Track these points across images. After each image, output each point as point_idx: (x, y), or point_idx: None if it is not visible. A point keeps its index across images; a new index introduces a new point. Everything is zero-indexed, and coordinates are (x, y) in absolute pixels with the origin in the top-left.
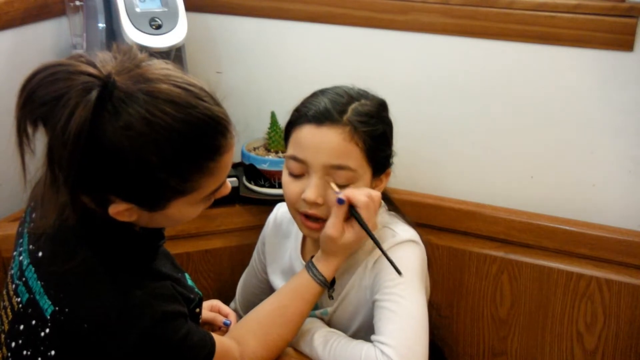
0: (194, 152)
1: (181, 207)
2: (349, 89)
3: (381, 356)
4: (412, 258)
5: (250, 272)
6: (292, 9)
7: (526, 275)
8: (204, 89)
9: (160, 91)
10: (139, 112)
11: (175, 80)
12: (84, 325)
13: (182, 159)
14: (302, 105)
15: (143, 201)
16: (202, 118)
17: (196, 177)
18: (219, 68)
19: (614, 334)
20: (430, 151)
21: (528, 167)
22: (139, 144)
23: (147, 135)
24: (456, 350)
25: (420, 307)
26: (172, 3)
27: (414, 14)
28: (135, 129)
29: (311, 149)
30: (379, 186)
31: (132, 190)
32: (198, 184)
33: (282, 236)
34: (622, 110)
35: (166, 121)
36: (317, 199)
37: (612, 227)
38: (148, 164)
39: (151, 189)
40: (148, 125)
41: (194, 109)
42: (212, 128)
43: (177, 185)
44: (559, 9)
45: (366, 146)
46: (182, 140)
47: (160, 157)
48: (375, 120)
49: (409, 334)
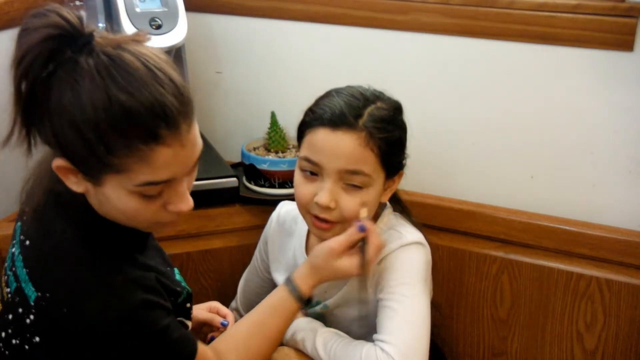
0: (127, 127)
1: (117, 189)
2: (364, 90)
3: (381, 354)
4: (417, 260)
5: (252, 271)
6: (292, 9)
7: (526, 275)
8: (174, 82)
9: (122, 59)
10: (92, 68)
11: (146, 58)
12: (63, 309)
13: (113, 129)
14: (317, 107)
15: (76, 161)
16: (149, 99)
17: (124, 155)
18: (219, 68)
19: (614, 334)
20: (430, 151)
21: (528, 167)
22: (81, 99)
23: (91, 92)
24: (456, 350)
25: (423, 308)
26: (172, 3)
27: (414, 14)
28: (83, 82)
29: (326, 153)
30: (392, 187)
31: (65, 143)
32: (127, 164)
33: (286, 234)
34: (622, 110)
35: (110, 87)
36: (330, 203)
37: (612, 227)
38: (83, 119)
39: (81, 147)
40: (93, 84)
41: (146, 88)
42: (155, 113)
43: (103, 154)
44: (559, 9)
45: (381, 152)
46: (120, 111)
47: (94, 117)
48: (391, 125)
49: (410, 333)
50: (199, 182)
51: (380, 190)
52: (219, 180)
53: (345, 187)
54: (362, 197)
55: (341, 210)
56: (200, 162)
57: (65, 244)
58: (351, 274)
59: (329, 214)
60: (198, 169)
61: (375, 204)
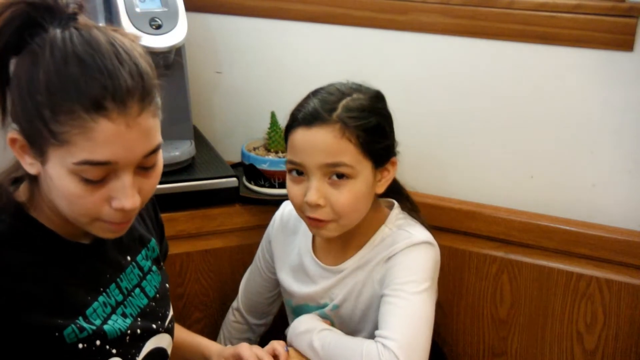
0: (74, 92)
1: (58, 167)
2: (341, 85)
3: (383, 350)
4: (425, 258)
5: (254, 271)
6: (292, 9)
7: (526, 275)
8: (137, 65)
9: (89, 32)
10: (57, 38)
11: (115, 39)
12: None
13: (61, 93)
14: (295, 109)
15: (25, 130)
16: (101, 68)
17: (66, 122)
18: (219, 68)
19: (614, 334)
20: (430, 151)
21: (528, 167)
22: (38, 61)
23: (49, 57)
24: (456, 350)
25: (428, 306)
26: (172, 3)
27: (414, 14)
28: (44, 49)
29: (305, 151)
30: (387, 177)
31: (20, 109)
32: (69, 134)
33: (290, 233)
34: (622, 110)
35: (68, 53)
36: (319, 201)
37: (612, 227)
38: (36, 81)
39: (30, 111)
40: (54, 49)
41: (102, 59)
42: (104, 84)
43: (49, 119)
44: (559, 9)
45: (360, 140)
46: (71, 75)
47: (46, 80)
48: (367, 113)
49: (412, 330)
50: (199, 182)
51: (369, 180)
52: (219, 180)
53: (332, 182)
54: (350, 189)
55: (332, 206)
56: (200, 162)
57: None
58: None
59: (320, 213)
60: (198, 169)
61: (368, 195)
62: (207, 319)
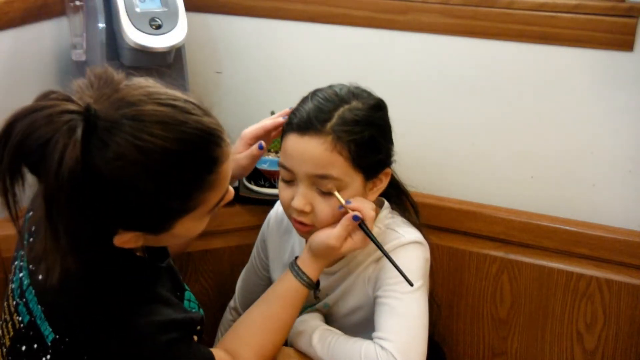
0: (191, 170)
1: (187, 224)
2: (341, 88)
3: (381, 351)
4: (415, 258)
5: (250, 270)
6: (292, 9)
7: (526, 275)
8: (190, 101)
9: (145, 113)
10: (127, 140)
11: (158, 98)
12: (84, 356)
13: (180, 180)
14: (292, 112)
15: (147, 227)
16: (194, 133)
17: (198, 194)
18: (219, 68)
19: (614, 334)
20: (430, 151)
21: (528, 167)
22: (133, 172)
23: (140, 162)
24: (456, 350)
25: (422, 306)
26: (172, 3)
27: (414, 14)
28: (126, 157)
29: (295, 158)
30: (379, 186)
31: (135, 219)
32: (201, 199)
33: (284, 232)
34: (622, 110)
35: (157, 144)
36: (305, 207)
37: (612, 227)
38: (146, 190)
39: (154, 214)
40: (139, 152)
41: (184, 125)
42: (206, 141)
43: (179, 206)
44: (559, 9)
45: (351, 154)
46: (177, 161)
47: (158, 182)
48: (362, 126)
49: (409, 330)
50: None
51: (359, 191)
52: None
53: (320, 191)
54: (337, 200)
55: (316, 214)
56: None
57: (81, 283)
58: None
59: (304, 217)
60: None
61: None
62: (206, 318)
